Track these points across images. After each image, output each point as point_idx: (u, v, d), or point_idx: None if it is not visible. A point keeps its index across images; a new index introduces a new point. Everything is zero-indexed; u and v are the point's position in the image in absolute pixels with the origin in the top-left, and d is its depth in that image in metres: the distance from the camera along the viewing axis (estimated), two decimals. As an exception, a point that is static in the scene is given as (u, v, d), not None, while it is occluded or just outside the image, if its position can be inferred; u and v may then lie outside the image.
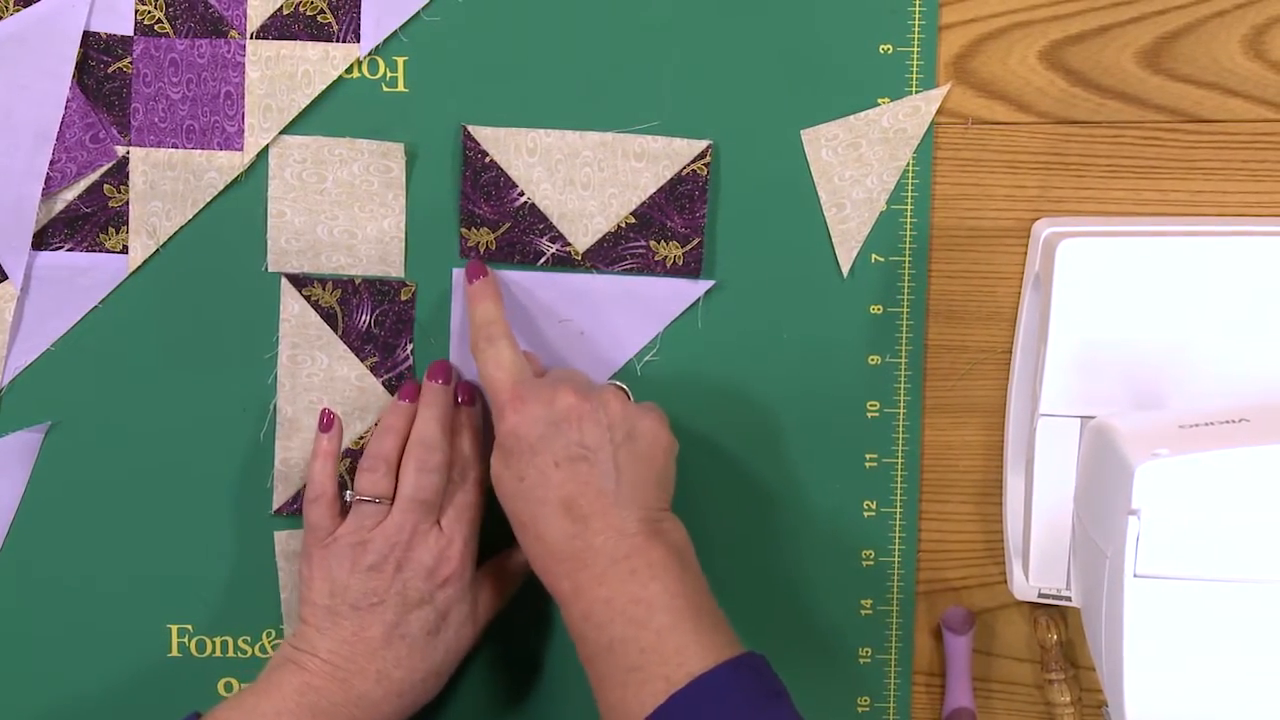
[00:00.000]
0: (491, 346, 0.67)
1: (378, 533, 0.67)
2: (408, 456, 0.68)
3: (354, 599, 0.66)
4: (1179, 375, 0.68)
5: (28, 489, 0.74)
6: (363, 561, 0.66)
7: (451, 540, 0.67)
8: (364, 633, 0.66)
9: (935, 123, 0.73)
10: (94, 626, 0.75)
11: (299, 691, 0.65)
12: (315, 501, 0.69)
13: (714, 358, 0.74)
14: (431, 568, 0.67)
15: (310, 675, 0.65)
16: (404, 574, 0.66)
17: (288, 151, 0.72)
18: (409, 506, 0.67)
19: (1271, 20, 0.72)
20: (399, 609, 0.66)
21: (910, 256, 0.74)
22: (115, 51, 0.72)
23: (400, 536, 0.67)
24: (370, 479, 0.68)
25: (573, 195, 0.72)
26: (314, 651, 0.66)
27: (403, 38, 0.72)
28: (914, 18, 0.72)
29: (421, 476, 0.67)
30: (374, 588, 0.66)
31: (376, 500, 0.67)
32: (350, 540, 0.67)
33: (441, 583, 0.67)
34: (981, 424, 0.75)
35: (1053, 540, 0.70)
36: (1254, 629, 0.59)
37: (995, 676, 0.77)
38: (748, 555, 0.75)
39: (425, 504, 0.67)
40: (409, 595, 0.66)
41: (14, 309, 0.72)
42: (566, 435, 0.65)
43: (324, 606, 0.67)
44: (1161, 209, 0.73)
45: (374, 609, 0.66)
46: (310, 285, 0.73)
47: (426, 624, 0.67)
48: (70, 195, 0.72)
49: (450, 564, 0.67)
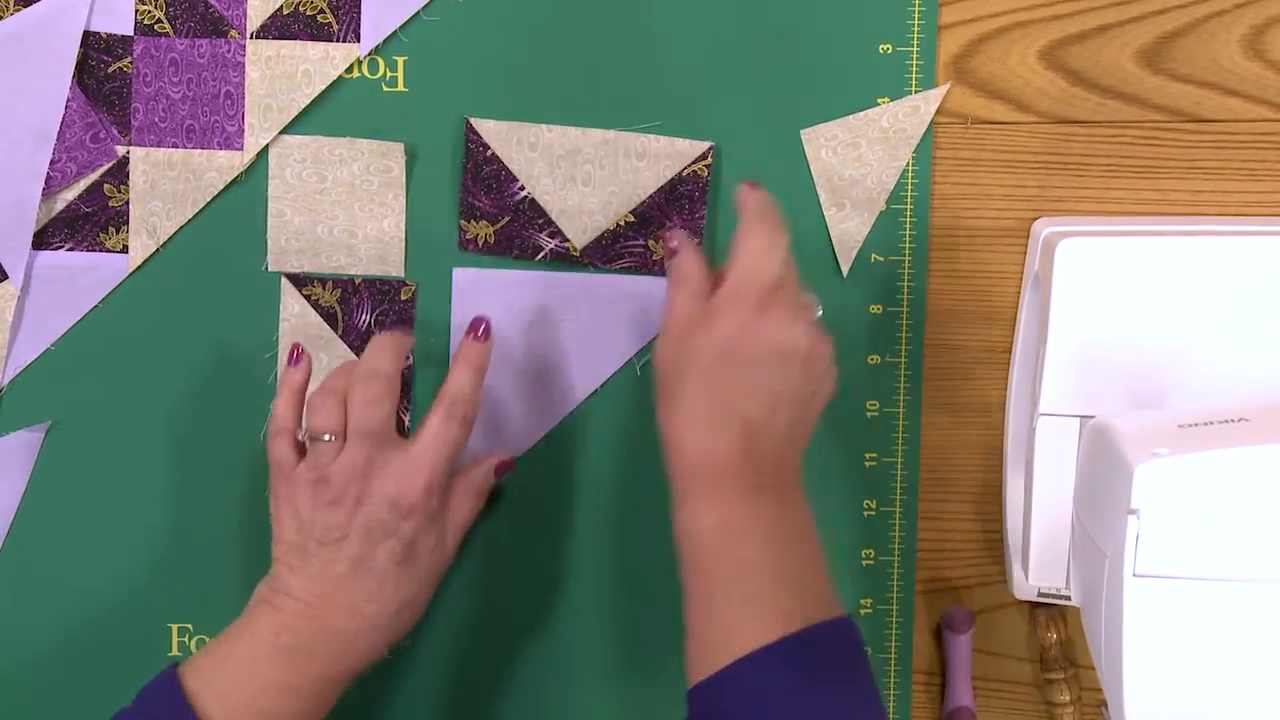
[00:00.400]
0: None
1: (334, 468, 0.65)
2: (350, 388, 0.66)
3: (319, 534, 0.65)
4: (1179, 375, 0.68)
5: (28, 489, 0.74)
6: (323, 496, 0.65)
7: (417, 470, 0.65)
8: (331, 567, 0.65)
9: (935, 122, 0.73)
10: (94, 626, 0.75)
11: (273, 632, 0.64)
12: (277, 435, 0.67)
13: (714, 357, 0.74)
14: (394, 498, 0.65)
15: (284, 615, 0.64)
16: (365, 507, 0.65)
17: (288, 151, 0.72)
18: (358, 440, 0.65)
19: (1271, 20, 0.72)
20: (363, 541, 0.65)
21: (910, 256, 0.74)
22: (115, 51, 0.72)
23: (356, 471, 0.65)
24: (319, 416, 0.66)
25: (573, 192, 0.72)
26: (286, 590, 0.65)
27: (403, 38, 0.72)
28: (914, 17, 0.72)
29: (365, 409, 0.65)
30: (336, 522, 0.65)
31: (328, 436, 0.66)
32: (309, 476, 0.66)
33: (405, 513, 0.65)
34: (981, 424, 0.75)
35: (1052, 540, 0.70)
36: (1254, 629, 0.59)
37: (995, 676, 0.77)
38: (748, 555, 0.75)
39: (373, 435, 0.65)
40: (372, 527, 0.65)
41: (14, 309, 0.72)
42: (783, 367, 0.63)
43: (293, 543, 0.66)
44: (1161, 209, 0.73)
45: (338, 544, 0.65)
46: (310, 285, 0.73)
47: (394, 555, 0.65)
48: (70, 195, 0.72)
49: (413, 494, 0.65)
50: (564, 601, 0.75)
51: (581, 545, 0.75)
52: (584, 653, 0.75)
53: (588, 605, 0.75)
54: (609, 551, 0.75)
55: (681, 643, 0.62)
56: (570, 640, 0.75)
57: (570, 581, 0.75)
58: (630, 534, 0.75)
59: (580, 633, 0.75)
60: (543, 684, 0.76)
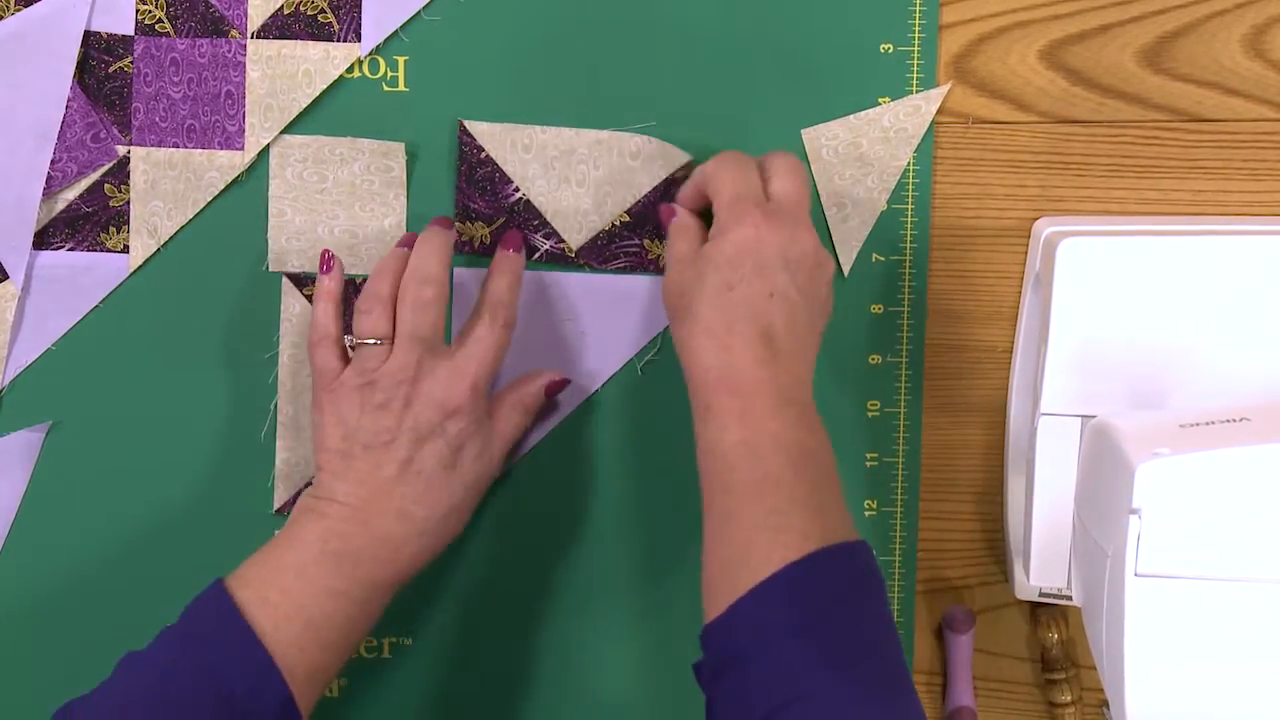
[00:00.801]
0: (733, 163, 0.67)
1: (383, 372, 0.65)
2: (403, 292, 0.67)
3: (366, 439, 0.65)
4: (1179, 374, 0.68)
5: (28, 489, 0.74)
6: (371, 401, 0.65)
7: (463, 373, 0.66)
8: (379, 471, 0.65)
9: (935, 122, 0.73)
10: (94, 626, 0.75)
11: (321, 539, 0.64)
12: (320, 344, 0.68)
13: (714, 357, 0.74)
14: (441, 400, 0.65)
15: (331, 521, 0.64)
16: (413, 409, 0.65)
17: (288, 151, 0.72)
18: (409, 344, 0.66)
19: (1271, 20, 0.72)
20: (411, 444, 0.65)
21: (910, 256, 0.74)
22: (116, 51, 0.72)
23: (405, 374, 0.65)
24: (368, 320, 0.67)
25: (567, 193, 0.72)
26: (332, 496, 0.65)
27: (403, 37, 0.72)
28: (914, 17, 0.72)
29: (417, 314, 0.66)
30: (385, 425, 0.65)
31: (376, 341, 0.66)
32: (356, 382, 0.66)
33: (451, 413, 0.65)
34: (981, 424, 0.75)
35: (1053, 539, 0.70)
36: (1254, 629, 0.59)
37: (996, 676, 0.77)
38: (748, 555, 0.75)
39: (424, 340, 0.66)
40: (420, 429, 0.65)
41: (14, 309, 0.72)
42: (795, 274, 0.64)
43: (337, 450, 0.66)
44: (1162, 208, 0.73)
45: (386, 447, 0.65)
46: (311, 285, 0.73)
47: (441, 458, 0.66)
48: (71, 195, 0.72)
49: (459, 395, 0.66)
50: (565, 602, 0.75)
51: (583, 546, 0.75)
52: (589, 651, 0.75)
53: (590, 605, 0.75)
54: (611, 551, 0.75)
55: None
56: (574, 638, 0.75)
57: (571, 582, 0.75)
58: (632, 534, 0.75)
59: (586, 630, 0.75)
60: (548, 678, 0.76)
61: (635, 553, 0.75)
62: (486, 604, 0.75)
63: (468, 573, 0.75)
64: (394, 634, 0.75)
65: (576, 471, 0.75)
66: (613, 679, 0.76)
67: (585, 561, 0.75)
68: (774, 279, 0.63)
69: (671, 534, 0.75)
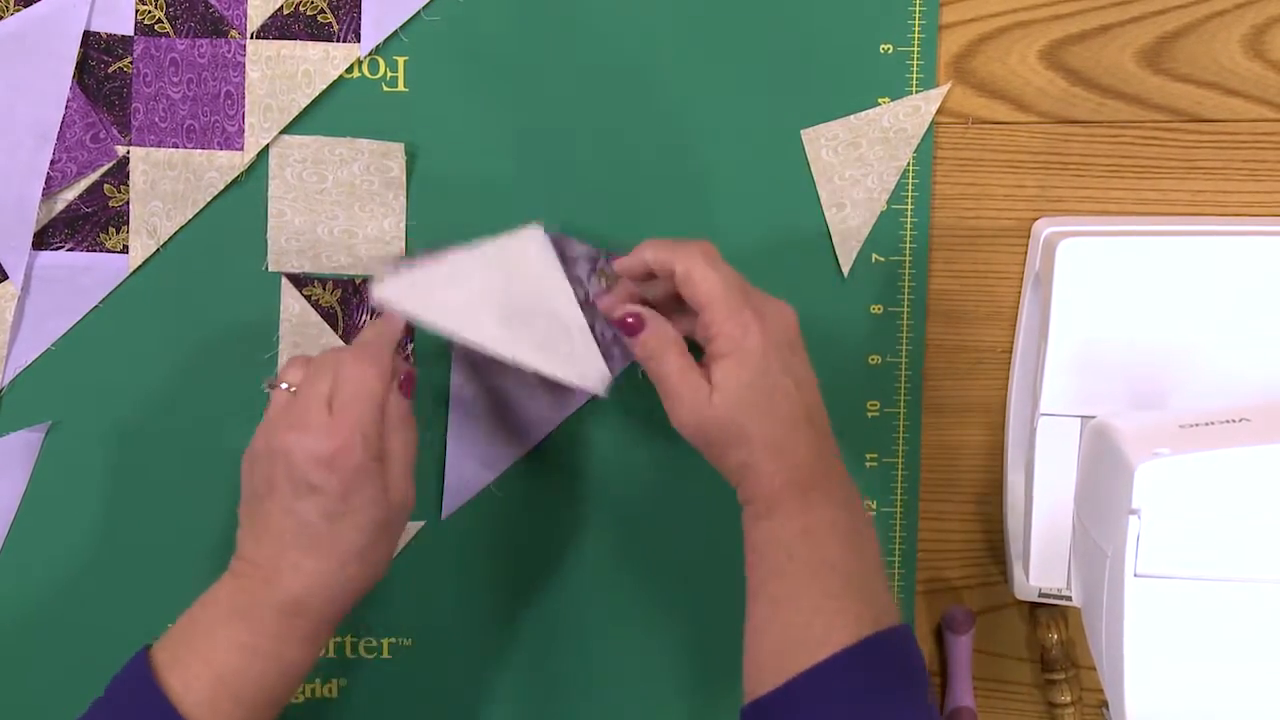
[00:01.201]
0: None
1: (268, 418, 0.65)
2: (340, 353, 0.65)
3: (260, 488, 0.64)
4: (1179, 375, 0.68)
5: (28, 489, 0.74)
6: (257, 447, 0.64)
7: (339, 424, 0.62)
8: (269, 524, 0.63)
9: (935, 122, 0.73)
10: (94, 626, 0.75)
11: (230, 596, 0.64)
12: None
13: (714, 357, 0.74)
14: (313, 452, 0.62)
15: (237, 578, 0.64)
16: (292, 458, 0.63)
17: (288, 151, 0.72)
18: (307, 391, 0.64)
19: (1271, 20, 0.72)
20: (292, 495, 0.63)
21: (910, 256, 0.74)
22: (116, 51, 0.72)
23: (288, 421, 0.63)
24: (286, 367, 0.65)
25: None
26: (241, 554, 0.65)
27: (403, 38, 0.72)
28: (914, 17, 0.72)
29: (338, 369, 0.64)
30: (266, 475, 0.64)
31: (284, 385, 0.65)
32: (258, 430, 0.65)
33: (327, 467, 0.62)
34: (981, 424, 0.75)
35: (1053, 540, 0.70)
36: (1254, 629, 0.59)
37: (996, 676, 0.77)
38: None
39: (324, 395, 0.63)
40: (296, 481, 0.63)
41: (14, 309, 0.72)
42: (799, 353, 0.65)
43: (244, 501, 0.65)
44: (1161, 209, 0.73)
45: (271, 497, 0.63)
46: (311, 285, 0.73)
47: (324, 510, 0.63)
48: (71, 195, 0.72)
49: (332, 445, 0.62)
50: (565, 602, 0.75)
51: (584, 547, 0.75)
52: (589, 651, 0.75)
53: (591, 606, 0.75)
54: (612, 552, 0.75)
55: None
56: (575, 638, 0.75)
57: (572, 583, 0.75)
58: (633, 535, 0.75)
59: (587, 631, 0.75)
60: (548, 679, 0.76)
61: (636, 553, 0.75)
62: (486, 604, 0.75)
63: (468, 573, 0.75)
64: (394, 634, 0.75)
65: (577, 473, 0.75)
66: (613, 679, 0.76)
67: (586, 562, 0.75)
68: (793, 369, 0.64)
69: (673, 535, 0.75)
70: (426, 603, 0.75)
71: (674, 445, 0.73)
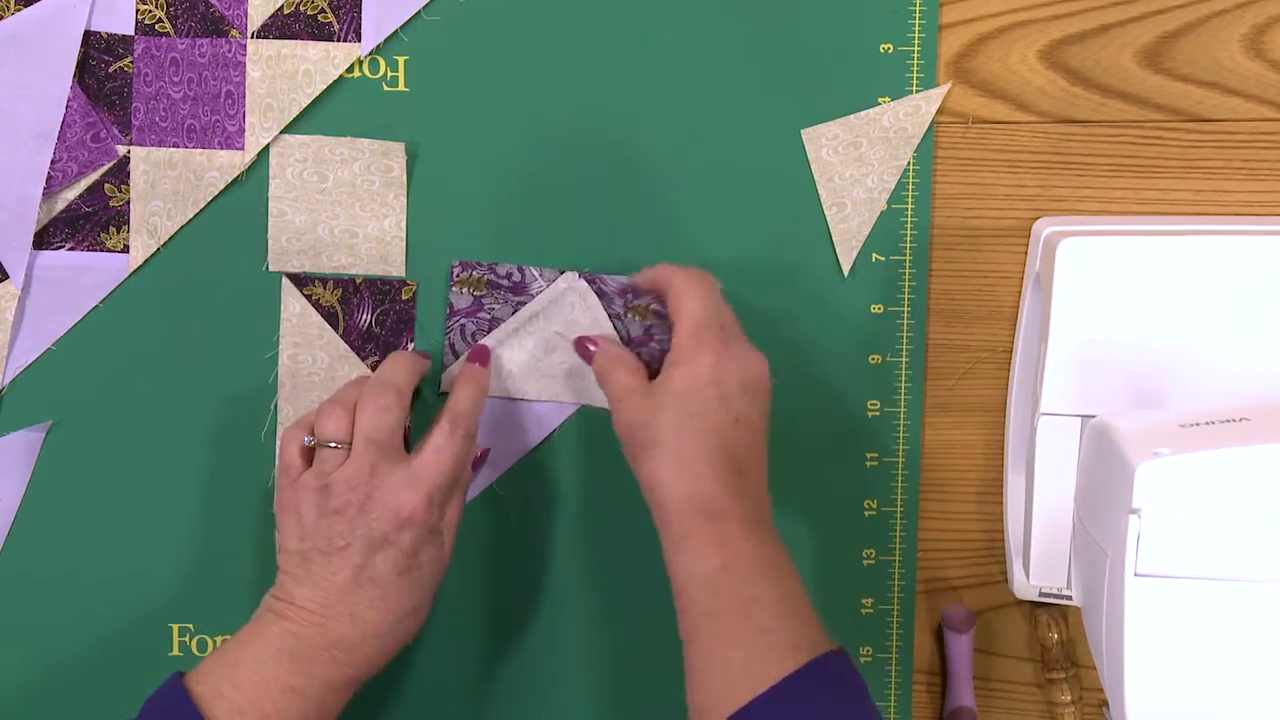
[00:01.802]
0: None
1: (338, 475, 0.66)
2: (362, 398, 0.67)
3: (321, 544, 0.66)
4: (1179, 375, 0.68)
5: (28, 489, 0.74)
6: (327, 505, 0.66)
7: (419, 483, 0.66)
8: (334, 576, 0.65)
9: (935, 122, 0.73)
10: (94, 626, 0.75)
11: (279, 638, 0.65)
12: (288, 439, 0.68)
13: (714, 357, 0.74)
14: (395, 508, 0.65)
15: (289, 622, 0.65)
16: (368, 516, 0.65)
17: (288, 151, 0.72)
18: (365, 447, 0.66)
19: (1271, 20, 0.72)
20: (365, 551, 0.65)
21: (910, 256, 0.74)
22: (116, 51, 0.72)
23: (359, 479, 0.65)
24: (329, 423, 0.67)
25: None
26: (290, 599, 0.66)
27: (403, 37, 0.72)
28: (914, 17, 0.72)
29: (374, 417, 0.66)
30: (339, 530, 0.65)
31: (334, 445, 0.66)
32: (314, 484, 0.66)
33: (404, 523, 0.65)
34: (981, 423, 0.75)
35: (1053, 539, 0.70)
36: (1254, 628, 0.59)
37: (996, 676, 0.77)
38: (748, 555, 0.75)
39: (381, 444, 0.66)
40: (373, 536, 0.65)
41: (14, 309, 0.72)
42: (754, 399, 0.65)
43: (296, 552, 0.66)
44: (1162, 208, 0.73)
45: (341, 552, 0.65)
46: (311, 285, 0.73)
47: (395, 564, 0.66)
48: (71, 195, 0.72)
49: (413, 505, 0.65)
50: (565, 603, 0.75)
51: (584, 548, 0.75)
52: (589, 651, 0.75)
53: (591, 606, 0.75)
54: (612, 553, 0.75)
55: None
56: (575, 638, 0.75)
57: (572, 585, 0.75)
58: (634, 537, 0.75)
59: (587, 630, 0.75)
60: (548, 679, 0.76)
61: (637, 553, 0.75)
62: (486, 604, 0.75)
63: (468, 574, 0.75)
64: (394, 634, 0.75)
65: (578, 472, 0.75)
66: (613, 679, 0.76)
67: (586, 562, 0.75)
68: (736, 406, 0.65)
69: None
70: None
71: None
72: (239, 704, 0.63)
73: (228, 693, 0.63)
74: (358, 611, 0.65)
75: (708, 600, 0.62)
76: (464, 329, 0.73)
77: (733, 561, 0.62)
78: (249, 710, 0.63)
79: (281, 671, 0.64)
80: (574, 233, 0.73)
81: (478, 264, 0.73)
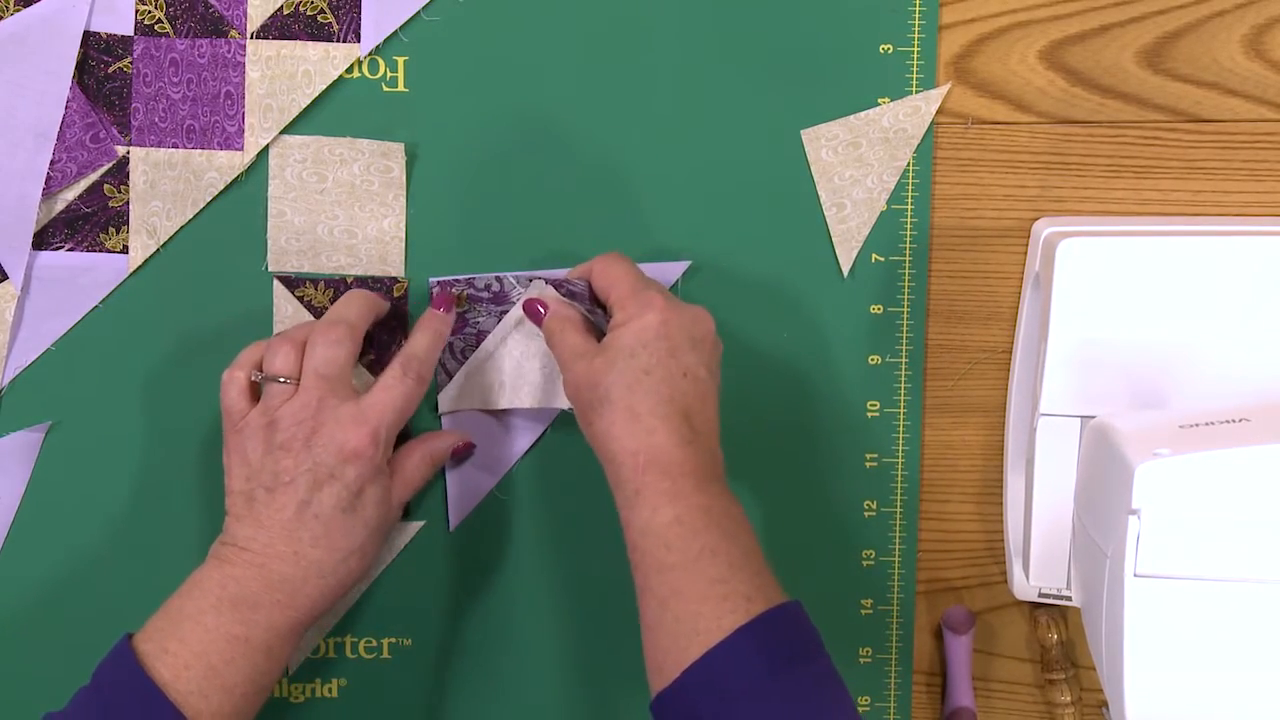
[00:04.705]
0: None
1: (284, 410, 0.66)
2: (312, 333, 0.67)
3: (267, 479, 0.65)
4: (1179, 375, 0.68)
5: (28, 489, 0.74)
6: (273, 440, 0.65)
7: (366, 419, 0.66)
8: (278, 514, 0.65)
9: (935, 122, 0.73)
10: (94, 626, 0.75)
11: (219, 585, 0.64)
12: (230, 382, 0.68)
13: (714, 357, 0.74)
14: (340, 443, 0.65)
15: (230, 566, 0.65)
16: (313, 450, 0.65)
17: (288, 151, 0.72)
18: (314, 381, 0.66)
19: (1271, 20, 0.72)
20: (309, 486, 0.65)
21: (910, 256, 0.74)
22: (115, 51, 0.72)
23: (306, 413, 0.65)
24: (275, 357, 0.67)
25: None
26: (234, 541, 0.65)
27: (403, 38, 0.72)
28: (914, 17, 0.72)
29: (325, 349, 0.66)
30: (285, 466, 0.65)
31: (283, 380, 0.66)
32: (260, 421, 0.66)
33: (349, 457, 0.65)
34: (981, 424, 0.75)
35: (1053, 540, 0.70)
36: (1254, 629, 0.59)
37: (995, 676, 0.77)
38: (748, 555, 0.75)
39: (330, 379, 0.66)
40: (319, 472, 0.65)
41: (14, 309, 0.72)
42: (701, 354, 0.65)
43: (241, 492, 0.66)
44: (1162, 209, 0.73)
45: (286, 487, 0.65)
46: (303, 286, 0.73)
47: (339, 500, 0.65)
48: (71, 195, 0.72)
49: (358, 440, 0.65)
50: (565, 602, 0.75)
51: (583, 547, 0.75)
52: (589, 651, 0.75)
53: (591, 606, 0.75)
54: (611, 552, 0.75)
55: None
56: (574, 639, 0.75)
57: (571, 583, 0.75)
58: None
59: (586, 631, 0.75)
60: (547, 679, 0.76)
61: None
62: (486, 604, 0.75)
63: (467, 573, 0.75)
64: (394, 634, 0.75)
65: (577, 473, 0.75)
66: (612, 679, 0.76)
67: (586, 562, 0.75)
68: (685, 360, 0.65)
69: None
70: (427, 603, 0.75)
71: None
72: (185, 658, 0.62)
73: (173, 648, 0.63)
74: (300, 550, 0.65)
75: (661, 554, 0.62)
76: (452, 347, 0.73)
77: (685, 514, 0.62)
78: (195, 664, 0.62)
79: (224, 620, 0.63)
80: (574, 232, 0.73)
81: (455, 279, 0.73)
